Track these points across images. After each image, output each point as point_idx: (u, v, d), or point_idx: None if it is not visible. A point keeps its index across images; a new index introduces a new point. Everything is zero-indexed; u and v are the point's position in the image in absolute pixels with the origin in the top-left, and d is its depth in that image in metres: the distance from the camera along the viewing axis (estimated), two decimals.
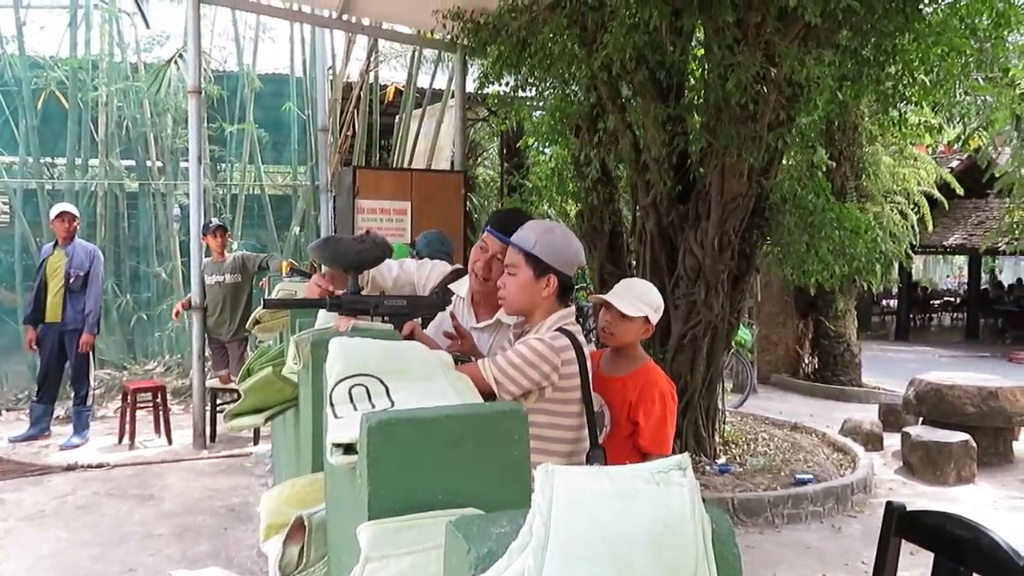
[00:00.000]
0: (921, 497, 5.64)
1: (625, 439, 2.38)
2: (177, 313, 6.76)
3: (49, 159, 9.29)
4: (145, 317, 9.06)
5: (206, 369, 6.64)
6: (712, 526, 0.65)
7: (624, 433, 2.38)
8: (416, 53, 9.67)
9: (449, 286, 2.61)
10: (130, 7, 8.94)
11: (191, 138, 6.47)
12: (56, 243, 6.55)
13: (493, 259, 2.34)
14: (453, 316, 2.34)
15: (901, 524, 1.82)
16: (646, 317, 2.43)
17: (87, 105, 8.82)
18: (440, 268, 2.72)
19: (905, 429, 6.55)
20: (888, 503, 1.85)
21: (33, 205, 8.76)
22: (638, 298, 2.45)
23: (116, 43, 9.21)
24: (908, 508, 1.86)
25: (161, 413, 6.57)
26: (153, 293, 9.19)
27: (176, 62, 8.93)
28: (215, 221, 6.99)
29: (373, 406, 1.19)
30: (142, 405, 6.53)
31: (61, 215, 6.45)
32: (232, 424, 2.31)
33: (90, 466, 5.84)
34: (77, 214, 6.69)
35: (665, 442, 2.40)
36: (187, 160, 7.98)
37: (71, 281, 6.41)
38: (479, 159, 12.24)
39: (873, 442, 6.88)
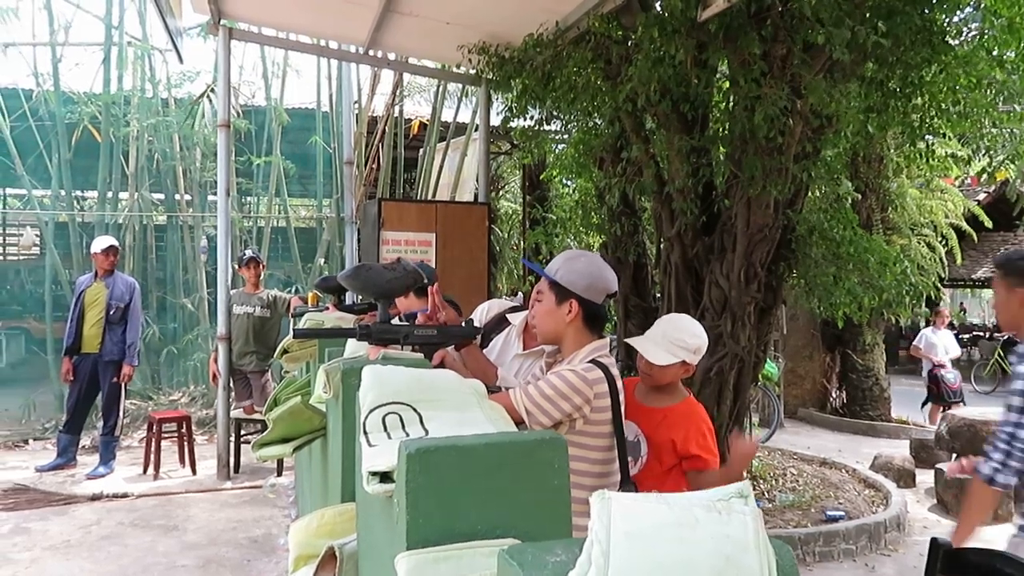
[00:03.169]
0: None
1: (667, 472, 2.33)
2: (214, 376, 6.71)
3: (80, 192, 9.47)
4: (175, 350, 9.13)
5: (230, 400, 6.65)
6: (776, 558, 0.62)
7: (666, 466, 2.34)
8: (440, 87, 9.78)
9: (507, 316, 2.80)
10: (162, 44, 9.15)
11: (220, 171, 6.56)
12: (96, 274, 6.65)
13: None
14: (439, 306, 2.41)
15: (946, 561, 1.77)
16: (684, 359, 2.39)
17: (119, 139, 9.00)
18: (499, 303, 2.93)
19: (938, 465, 6.40)
20: (933, 539, 1.80)
21: (64, 237, 8.92)
22: (672, 343, 2.37)
23: (148, 79, 9.42)
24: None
25: (186, 443, 6.58)
26: (179, 324, 9.28)
27: (208, 96, 9.10)
28: (249, 253, 7.03)
29: (407, 434, 1.17)
30: (167, 435, 6.55)
31: (107, 249, 6.58)
32: (260, 454, 2.31)
33: (115, 496, 5.85)
34: (120, 248, 6.82)
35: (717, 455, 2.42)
36: (215, 193, 8.09)
37: (111, 312, 6.51)
38: (501, 192, 12.31)
39: (905, 478, 6.72)
